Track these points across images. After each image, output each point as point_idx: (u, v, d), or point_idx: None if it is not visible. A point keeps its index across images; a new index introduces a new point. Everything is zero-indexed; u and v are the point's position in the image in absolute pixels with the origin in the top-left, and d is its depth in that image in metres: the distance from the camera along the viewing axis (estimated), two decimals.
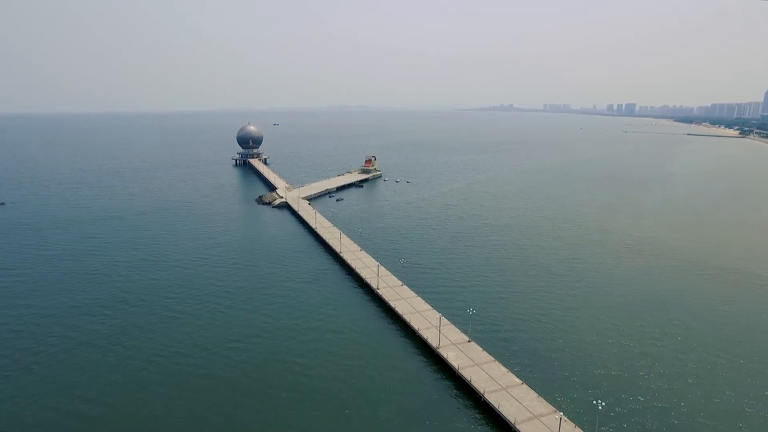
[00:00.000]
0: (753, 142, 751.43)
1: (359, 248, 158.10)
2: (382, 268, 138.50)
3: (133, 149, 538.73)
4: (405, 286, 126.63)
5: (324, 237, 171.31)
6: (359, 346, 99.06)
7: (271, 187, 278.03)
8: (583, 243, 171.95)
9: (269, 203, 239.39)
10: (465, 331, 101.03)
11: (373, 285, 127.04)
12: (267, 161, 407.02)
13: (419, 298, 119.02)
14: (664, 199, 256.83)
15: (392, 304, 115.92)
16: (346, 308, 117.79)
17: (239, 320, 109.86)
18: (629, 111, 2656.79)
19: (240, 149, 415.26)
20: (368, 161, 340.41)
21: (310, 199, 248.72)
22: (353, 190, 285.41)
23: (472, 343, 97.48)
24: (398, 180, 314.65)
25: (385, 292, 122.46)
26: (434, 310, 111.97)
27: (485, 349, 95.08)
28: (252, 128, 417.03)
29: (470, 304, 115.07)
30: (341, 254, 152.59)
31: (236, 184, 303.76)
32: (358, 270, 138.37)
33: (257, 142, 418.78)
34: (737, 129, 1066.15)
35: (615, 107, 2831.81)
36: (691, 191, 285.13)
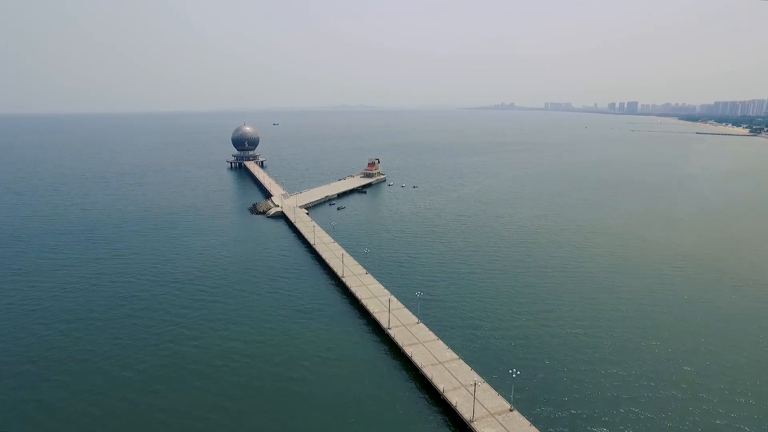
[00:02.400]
0: (767, 141, 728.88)
1: (364, 271, 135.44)
2: (392, 297, 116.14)
3: (123, 151, 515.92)
4: (422, 324, 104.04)
5: (324, 256, 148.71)
6: (365, 412, 76.58)
7: (267, 194, 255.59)
8: (623, 264, 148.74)
9: (263, 212, 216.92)
10: (506, 396, 78.45)
11: (383, 322, 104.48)
12: (264, 164, 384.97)
13: (441, 343, 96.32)
14: (697, 207, 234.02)
15: (408, 350, 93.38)
16: (350, 354, 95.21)
17: (209, 371, 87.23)
18: (631, 109, 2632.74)
19: (235, 151, 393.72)
20: (371, 164, 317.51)
21: (309, 207, 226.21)
22: (355, 196, 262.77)
23: (516, 413, 74.94)
24: (404, 185, 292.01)
25: (398, 334, 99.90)
26: (462, 361, 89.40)
27: (534, 422, 72.60)
28: (248, 129, 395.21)
29: (507, 356, 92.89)
30: (344, 279, 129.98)
31: (229, 190, 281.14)
32: (363, 301, 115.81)
33: (253, 143, 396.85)
34: (746, 127, 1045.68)
35: (617, 105, 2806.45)
36: (722, 196, 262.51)
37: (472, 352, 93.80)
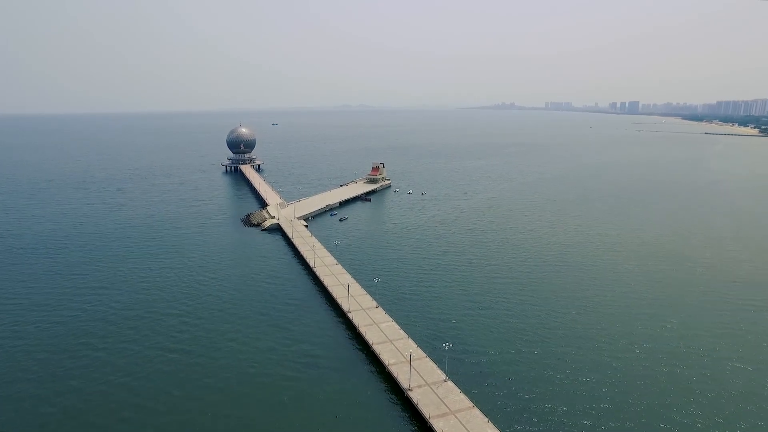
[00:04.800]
0: None
1: (374, 304, 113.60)
2: (411, 343, 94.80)
3: (113, 154, 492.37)
4: (451, 383, 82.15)
5: (325, 282, 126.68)
6: None
7: (262, 203, 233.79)
8: (687, 298, 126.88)
9: (258, 225, 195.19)
10: None
11: (402, 380, 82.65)
12: (260, 168, 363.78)
13: (478, 412, 74.40)
14: (736, 217, 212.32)
15: (437, 425, 71.63)
16: (360, 425, 73.60)
17: None
18: (632, 109, 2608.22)
19: (231, 154, 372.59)
20: (375, 169, 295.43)
21: (308, 218, 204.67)
22: (359, 204, 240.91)
23: None
24: (410, 191, 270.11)
25: (422, 398, 77.96)
26: None
27: None
28: (244, 130, 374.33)
29: None
30: (350, 314, 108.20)
31: (221, 197, 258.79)
32: (376, 347, 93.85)
33: (249, 146, 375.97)
34: (754, 127, 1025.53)
35: (618, 105, 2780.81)
36: (759, 204, 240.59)
37: (522, 430, 72.03)
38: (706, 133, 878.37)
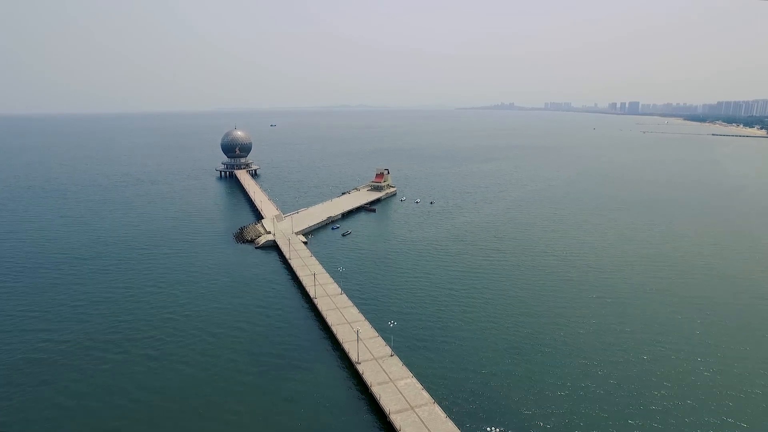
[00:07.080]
0: None
1: (389, 351, 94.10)
2: (437, 410, 75.61)
3: (103, 157, 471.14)
4: None
5: (329, 321, 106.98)
6: None
7: (258, 215, 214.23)
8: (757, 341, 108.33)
9: (252, 241, 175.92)
10: None
11: None
12: (257, 173, 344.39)
13: None
14: None
15: None
16: None
17: None
18: (633, 109, 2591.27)
19: (225, 158, 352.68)
20: (379, 175, 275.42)
21: (307, 233, 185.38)
22: (363, 215, 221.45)
23: None
24: (418, 200, 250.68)
25: None
26: None
27: None
28: (239, 134, 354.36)
29: None
30: (359, 367, 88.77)
31: (213, 208, 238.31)
32: (394, 418, 74.58)
33: (245, 150, 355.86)
34: (761, 128, 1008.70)
35: (618, 105, 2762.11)
36: None
37: None
38: (713, 135, 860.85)
